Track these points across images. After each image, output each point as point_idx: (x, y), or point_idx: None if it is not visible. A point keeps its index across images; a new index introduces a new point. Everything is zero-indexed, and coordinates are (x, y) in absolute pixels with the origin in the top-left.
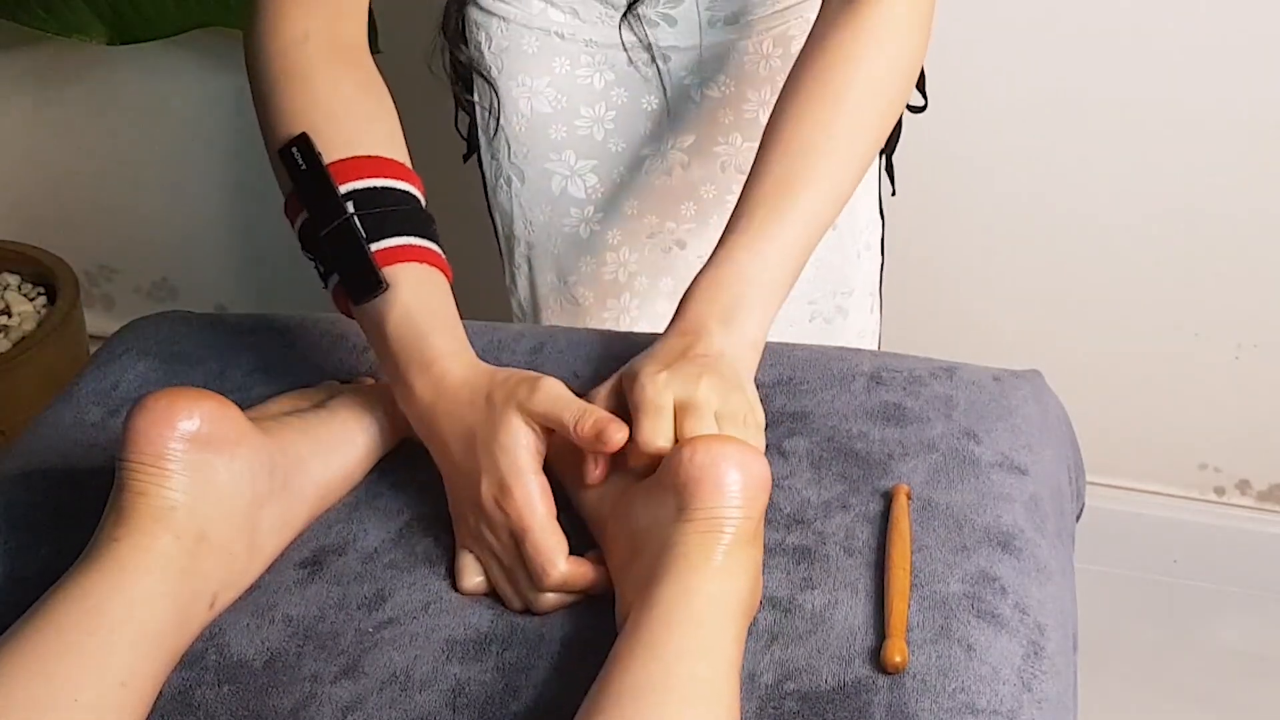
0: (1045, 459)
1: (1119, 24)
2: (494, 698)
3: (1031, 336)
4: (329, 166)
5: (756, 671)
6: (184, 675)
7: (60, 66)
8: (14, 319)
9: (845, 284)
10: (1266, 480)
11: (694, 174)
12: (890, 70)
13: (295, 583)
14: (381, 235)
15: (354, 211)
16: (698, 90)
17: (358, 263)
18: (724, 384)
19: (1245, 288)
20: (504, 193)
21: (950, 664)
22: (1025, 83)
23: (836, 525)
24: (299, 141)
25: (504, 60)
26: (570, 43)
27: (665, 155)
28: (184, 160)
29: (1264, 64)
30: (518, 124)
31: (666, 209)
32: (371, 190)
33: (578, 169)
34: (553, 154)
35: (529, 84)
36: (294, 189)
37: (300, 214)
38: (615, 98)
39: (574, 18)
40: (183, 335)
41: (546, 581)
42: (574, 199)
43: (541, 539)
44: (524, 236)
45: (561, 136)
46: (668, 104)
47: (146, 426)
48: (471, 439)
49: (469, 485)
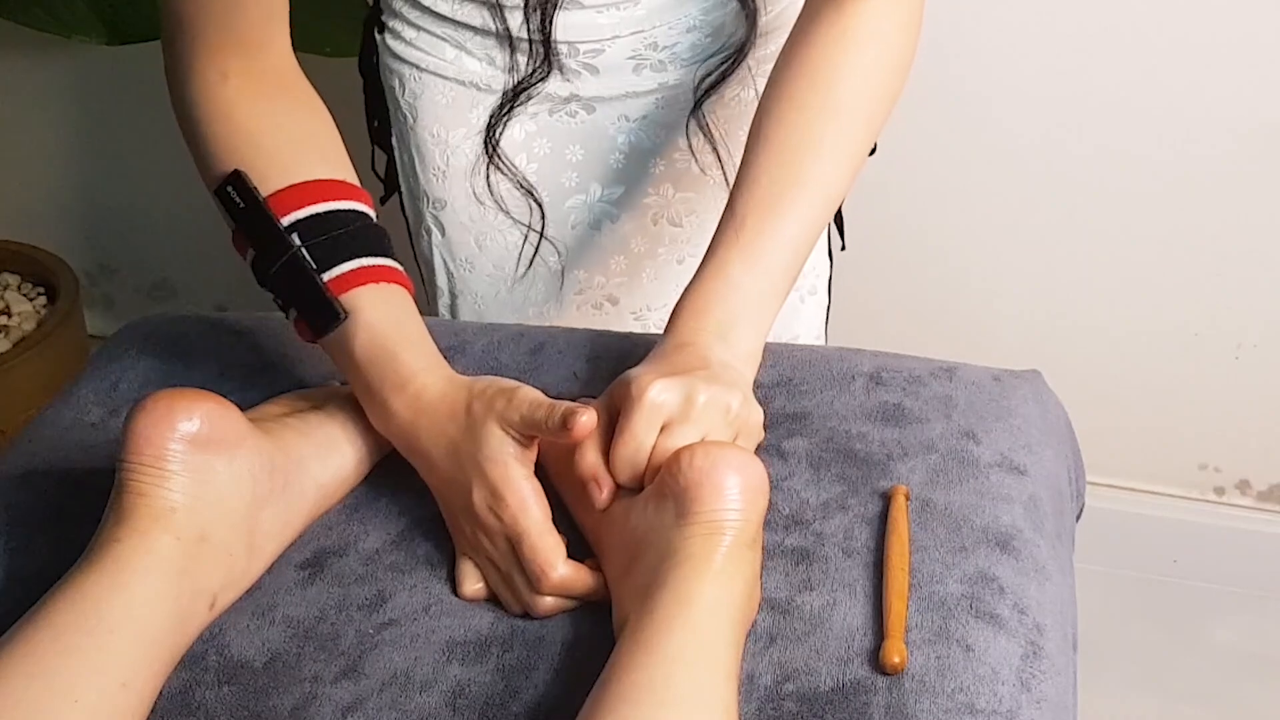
0: (1045, 459)
1: (1120, 23)
2: (494, 699)
3: (1031, 336)
4: (268, 199)
5: (755, 672)
6: (184, 675)
7: (60, 66)
8: (14, 319)
9: (788, 331)
10: (1266, 480)
11: (623, 227)
12: (879, 68)
13: (295, 584)
14: (333, 262)
15: (300, 244)
16: (625, 139)
17: (313, 296)
18: (724, 393)
19: (1245, 288)
20: (424, 242)
21: (949, 664)
22: (1025, 81)
23: (835, 526)
24: (233, 179)
25: (418, 109)
26: (487, 94)
27: (592, 208)
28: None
29: (1263, 63)
30: (434, 176)
31: (595, 264)
32: (314, 217)
33: (498, 224)
34: (473, 207)
35: (444, 136)
36: (235, 228)
37: (248, 251)
38: (538, 149)
39: (490, 66)
40: (183, 335)
41: (545, 584)
42: (496, 253)
43: (539, 541)
44: (446, 288)
45: (481, 189)
46: (592, 155)
47: (146, 427)
48: (456, 452)
49: (460, 495)
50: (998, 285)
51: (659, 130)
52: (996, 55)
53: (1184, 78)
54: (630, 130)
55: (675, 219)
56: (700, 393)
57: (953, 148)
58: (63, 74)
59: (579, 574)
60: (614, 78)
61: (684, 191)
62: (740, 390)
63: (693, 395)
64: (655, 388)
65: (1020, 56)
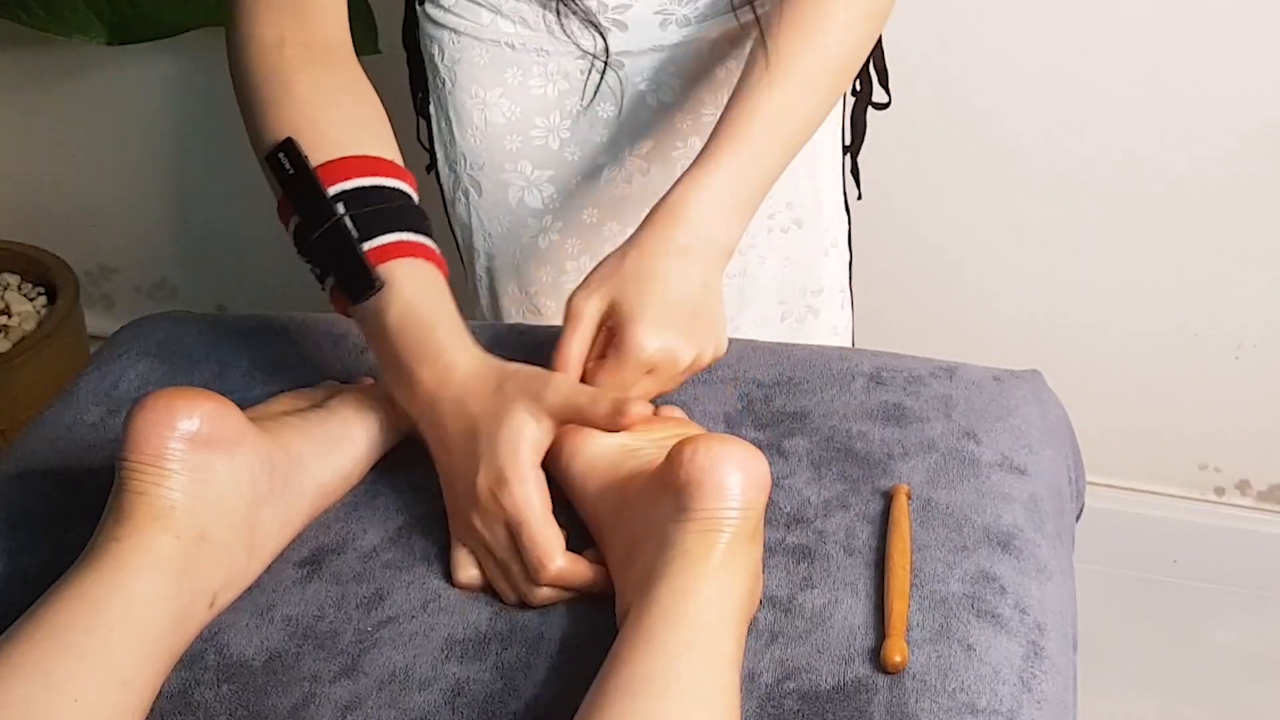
0: (1045, 459)
1: (1122, 23)
2: (493, 697)
3: (1031, 336)
4: (316, 169)
5: (756, 671)
6: (184, 675)
7: (60, 66)
8: (14, 319)
9: (815, 282)
10: (1266, 480)
11: (653, 180)
12: (860, 16)
13: (294, 582)
14: (373, 234)
15: (345, 212)
16: (653, 96)
17: (351, 263)
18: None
19: (1245, 288)
20: (462, 205)
21: (950, 664)
22: (1027, 81)
23: (836, 525)
24: (285, 146)
25: (456, 72)
26: (521, 53)
27: (623, 163)
28: (184, 160)
29: (1265, 64)
30: (472, 136)
31: (626, 216)
32: (361, 190)
33: (534, 179)
34: (508, 165)
35: (481, 96)
36: (283, 194)
37: (292, 218)
38: (569, 106)
39: (523, 26)
40: (183, 335)
41: (543, 575)
42: (532, 209)
43: (539, 532)
44: (484, 249)
45: (517, 147)
46: (622, 111)
47: (146, 426)
48: (474, 430)
49: (466, 478)
50: (998, 285)
51: (685, 85)
52: (998, 55)
53: (1186, 78)
54: (658, 86)
55: None
56: (684, 358)
57: (954, 147)
58: (63, 74)
59: (577, 566)
60: (641, 32)
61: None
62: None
63: (678, 357)
64: (650, 344)
65: (1022, 56)
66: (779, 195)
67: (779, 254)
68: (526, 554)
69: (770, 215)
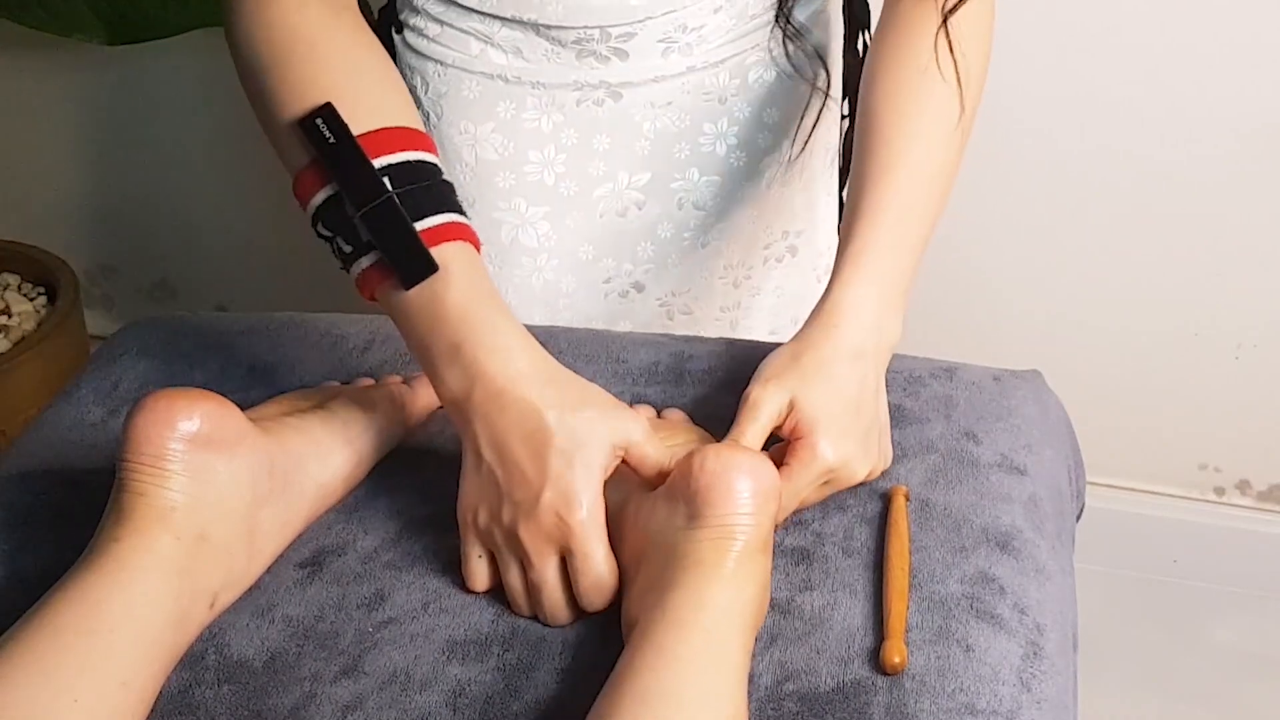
0: (1045, 459)
1: (1123, 23)
2: (495, 698)
3: (1031, 336)
4: (358, 139)
5: (756, 673)
6: (184, 675)
7: (60, 66)
8: (14, 319)
9: (806, 312)
10: (1266, 480)
11: (650, 212)
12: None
13: (295, 583)
14: (424, 213)
15: (394, 189)
16: (651, 126)
17: (407, 244)
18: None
19: (1245, 288)
20: None
21: (949, 664)
22: (1027, 81)
23: (835, 526)
24: (324, 111)
25: (443, 106)
26: (515, 85)
27: (619, 195)
28: (184, 160)
29: (1266, 64)
30: (461, 173)
31: (622, 251)
32: (405, 165)
33: (528, 216)
34: (501, 203)
35: (472, 131)
36: (321, 164)
37: (319, 190)
38: (565, 139)
39: (518, 58)
40: (183, 335)
41: (591, 608)
42: (525, 248)
43: (603, 564)
44: None
45: (510, 184)
46: (620, 142)
47: (146, 426)
48: (545, 440)
49: (525, 486)
50: (998, 285)
51: (684, 114)
52: (998, 55)
53: (1186, 78)
54: (656, 116)
55: (700, 202)
56: (859, 473)
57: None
58: (63, 74)
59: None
60: (642, 61)
61: (708, 175)
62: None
63: (855, 472)
64: (833, 455)
65: (1022, 56)
66: (776, 224)
67: (773, 284)
68: (581, 583)
69: (766, 246)
